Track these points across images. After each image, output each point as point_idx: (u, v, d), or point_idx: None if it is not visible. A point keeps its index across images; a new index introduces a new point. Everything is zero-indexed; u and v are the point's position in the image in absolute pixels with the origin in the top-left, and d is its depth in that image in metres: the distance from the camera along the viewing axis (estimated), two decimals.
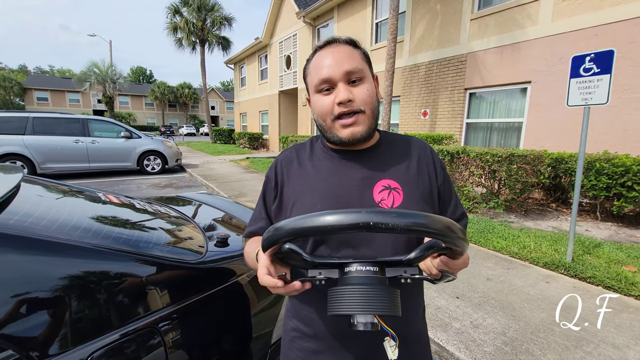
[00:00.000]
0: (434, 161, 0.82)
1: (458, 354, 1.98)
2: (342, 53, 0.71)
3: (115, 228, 1.12)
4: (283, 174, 0.81)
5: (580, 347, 2.03)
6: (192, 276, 1.07)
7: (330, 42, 0.74)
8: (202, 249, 1.22)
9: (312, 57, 0.76)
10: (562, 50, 5.52)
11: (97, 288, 0.85)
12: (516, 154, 4.60)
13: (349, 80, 0.71)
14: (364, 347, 0.73)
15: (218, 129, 22.01)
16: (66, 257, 0.84)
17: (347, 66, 0.70)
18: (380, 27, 9.61)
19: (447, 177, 0.83)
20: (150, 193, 6.88)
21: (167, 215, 1.53)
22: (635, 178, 3.98)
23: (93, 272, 0.86)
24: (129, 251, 0.96)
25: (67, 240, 0.86)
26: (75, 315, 0.79)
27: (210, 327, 1.07)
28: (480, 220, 4.49)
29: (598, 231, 4.17)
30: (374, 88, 0.75)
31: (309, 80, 0.77)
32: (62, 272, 0.81)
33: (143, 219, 1.38)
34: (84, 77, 21.66)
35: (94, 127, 8.42)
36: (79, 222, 1.02)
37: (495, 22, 6.56)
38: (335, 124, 0.73)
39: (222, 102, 53.68)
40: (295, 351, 0.81)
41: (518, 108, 6.44)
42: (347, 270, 0.57)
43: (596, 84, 2.81)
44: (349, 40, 0.74)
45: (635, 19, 4.73)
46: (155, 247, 1.07)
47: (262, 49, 16.91)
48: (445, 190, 0.82)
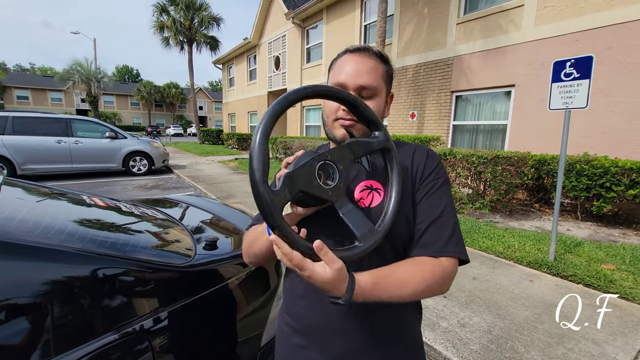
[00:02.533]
0: (426, 162, 0.77)
1: (445, 353, 2.01)
2: (366, 66, 0.74)
3: (101, 231, 1.10)
4: None
5: (562, 343, 2.09)
6: (180, 280, 1.06)
7: (360, 50, 0.76)
8: (191, 252, 1.21)
9: (341, 56, 0.78)
10: (545, 55, 5.68)
11: (83, 293, 0.84)
12: (501, 155, 4.71)
13: (360, 93, 0.74)
14: (348, 344, 0.74)
15: (206, 129, 21.75)
16: (50, 262, 0.82)
17: (362, 80, 0.73)
18: (369, 30, 9.69)
19: (437, 182, 0.75)
20: (137, 194, 6.75)
21: (154, 218, 1.51)
22: (613, 179, 4.13)
23: (78, 277, 0.85)
24: (115, 255, 0.95)
25: (50, 245, 0.84)
26: (59, 321, 0.77)
27: (199, 331, 1.06)
28: (466, 221, 4.57)
29: (579, 230, 4.31)
30: (382, 106, 0.78)
31: (330, 76, 0.80)
32: (45, 277, 0.79)
33: (129, 222, 1.36)
34: (67, 76, 21.07)
35: (78, 127, 8.21)
36: (63, 225, 1.00)
37: (480, 26, 6.71)
38: (335, 123, 0.77)
39: (210, 103, 53.09)
40: (285, 347, 0.83)
41: (503, 111, 6.59)
42: None
43: (576, 89, 2.91)
44: (379, 54, 0.77)
45: (613, 26, 4.91)
46: (142, 251, 1.06)
47: (250, 50, 16.83)
48: (431, 195, 0.74)
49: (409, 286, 0.63)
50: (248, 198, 6.24)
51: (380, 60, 0.77)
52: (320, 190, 0.60)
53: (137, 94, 44.60)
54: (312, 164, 0.60)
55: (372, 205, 0.74)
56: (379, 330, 0.75)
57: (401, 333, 0.78)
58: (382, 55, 0.77)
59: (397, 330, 0.77)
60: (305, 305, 0.78)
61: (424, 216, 0.72)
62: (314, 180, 0.60)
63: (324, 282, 0.54)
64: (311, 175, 0.60)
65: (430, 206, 0.72)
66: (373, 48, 0.77)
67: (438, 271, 0.67)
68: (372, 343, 0.75)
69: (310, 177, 0.59)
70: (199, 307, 1.07)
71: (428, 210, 0.72)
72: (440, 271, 0.67)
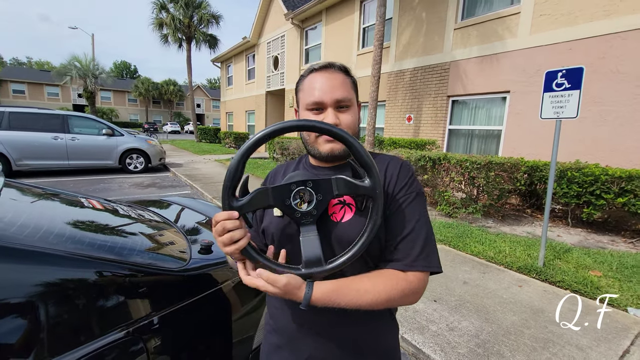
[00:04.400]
0: (399, 175, 0.77)
1: (434, 356, 2.06)
2: (336, 80, 0.78)
3: (98, 235, 1.13)
4: (272, 184, 0.89)
5: (547, 348, 2.15)
6: (175, 284, 1.10)
7: (326, 67, 0.79)
8: (186, 256, 1.25)
9: (307, 76, 0.81)
10: (539, 62, 5.77)
11: (78, 297, 0.87)
12: (494, 161, 4.78)
13: (337, 106, 0.78)
14: (318, 347, 0.78)
15: (203, 127, 21.72)
16: (48, 265, 0.85)
17: (338, 94, 0.76)
18: (367, 32, 9.74)
19: (408, 197, 0.75)
20: (133, 192, 6.76)
21: (150, 221, 1.54)
22: (603, 187, 4.21)
23: (75, 280, 0.88)
24: (111, 259, 0.98)
25: (47, 249, 0.87)
26: (55, 323, 0.81)
27: (192, 335, 1.10)
28: (459, 225, 4.63)
29: (569, 237, 4.38)
30: (357, 115, 0.83)
31: (301, 97, 0.82)
32: (42, 280, 0.82)
33: (126, 225, 1.39)
34: (64, 71, 20.91)
35: (74, 124, 8.18)
36: (62, 229, 1.03)
37: (477, 32, 6.78)
38: (318, 140, 0.79)
39: (208, 100, 52.92)
40: (266, 344, 0.90)
41: (498, 116, 6.67)
42: None
43: (567, 99, 2.98)
44: (343, 68, 0.81)
45: (606, 36, 4.99)
46: (138, 255, 1.09)
47: (249, 49, 16.83)
48: (400, 208, 0.74)
49: (368, 295, 0.67)
50: None
51: (346, 74, 0.81)
52: (290, 210, 0.67)
53: (135, 91, 44.34)
54: (290, 187, 0.67)
55: (343, 220, 0.75)
56: (349, 337, 0.78)
57: (373, 342, 0.79)
58: (345, 69, 0.81)
59: (368, 338, 0.79)
60: (279, 306, 0.84)
61: (395, 232, 0.73)
62: (287, 200, 0.67)
63: (277, 294, 0.65)
64: (286, 196, 0.67)
65: (402, 221, 0.73)
66: (336, 64, 0.80)
67: (402, 285, 0.69)
68: (342, 349, 0.78)
69: (284, 197, 0.67)
70: (193, 310, 1.10)
71: (399, 225, 0.73)
72: (404, 285, 0.69)
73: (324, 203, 0.68)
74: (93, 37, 23.81)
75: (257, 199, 0.67)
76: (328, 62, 0.80)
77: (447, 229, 4.45)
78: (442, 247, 3.94)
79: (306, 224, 0.68)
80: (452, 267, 3.37)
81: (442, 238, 4.15)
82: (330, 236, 0.74)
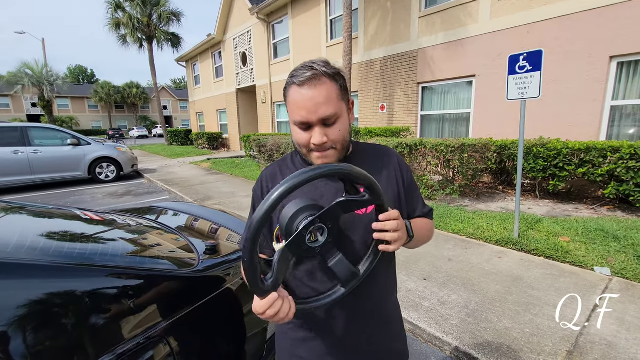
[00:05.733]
0: (400, 167, 0.94)
1: (430, 330, 2.21)
2: (321, 96, 0.74)
3: (108, 246, 1.14)
4: (269, 188, 0.90)
5: (528, 310, 2.35)
6: (188, 286, 1.13)
7: (309, 79, 0.74)
8: (194, 259, 1.28)
9: (290, 87, 0.77)
10: (501, 46, 6.06)
11: (101, 305, 0.90)
12: (467, 143, 5.02)
13: (324, 123, 0.76)
14: (345, 332, 0.86)
15: (173, 129, 21.00)
16: (78, 278, 0.87)
17: (322, 113, 0.74)
18: (335, 24, 9.78)
19: (412, 179, 0.96)
20: (108, 203, 6.50)
21: (152, 228, 1.54)
22: (565, 160, 4.55)
23: (101, 288, 0.91)
24: (121, 267, 1.01)
25: (78, 262, 0.89)
26: (88, 326, 0.83)
27: (208, 332, 1.14)
28: (439, 207, 4.86)
29: (538, 208, 4.72)
30: (347, 122, 0.81)
31: (288, 109, 0.80)
32: (76, 287, 0.85)
33: (131, 235, 1.39)
34: (15, 80, 19.43)
35: (35, 135, 7.70)
36: (84, 245, 1.04)
37: (441, 19, 7.00)
38: (310, 154, 0.82)
39: (175, 101, 51.12)
40: (288, 341, 0.94)
41: (466, 100, 6.97)
42: None
43: (529, 80, 3.19)
44: (328, 72, 0.76)
45: (558, 18, 5.33)
46: (149, 262, 1.12)
47: (215, 46, 16.39)
48: (412, 191, 0.95)
49: (428, 234, 0.97)
50: (225, 199, 6.21)
51: (331, 79, 0.76)
52: (310, 251, 0.70)
53: (95, 96, 42.07)
54: (302, 235, 0.66)
55: (368, 211, 0.82)
56: (375, 309, 0.90)
57: (393, 310, 0.97)
58: (330, 73, 0.76)
59: (390, 308, 0.95)
60: None
61: (414, 198, 0.97)
62: (303, 245, 0.67)
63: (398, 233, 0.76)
64: (301, 242, 0.67)
65: (415, 190, 0.98)
66: (319, 68, 0.75)
67: (432, 226, 1.01)
68: (372, 319, 0.89)
69: (300, 245, 0.67)
70: (208, 309, 1.14)
71: (415, 193, 0.97)
72: (432, 226, 1.01)
73: (336, 226, 0.70)
74: (44, 42, 22.27)
75: (282, 267, 0.66)
76: (309, 67, 0.75)
77: None
78: None
79: (328, 253, 0.72)
80: (437, 247, 3.56)
81: None
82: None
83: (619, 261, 2.96)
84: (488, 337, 2.09)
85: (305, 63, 0.77)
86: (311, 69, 0.75)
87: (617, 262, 2.94)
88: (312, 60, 0.78)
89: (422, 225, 0.94)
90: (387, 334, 0.93)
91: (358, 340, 0.88)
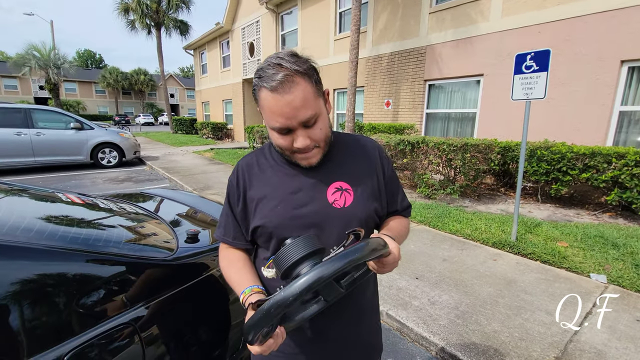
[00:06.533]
0: (381, 159, 0.91)
1: (417, 329, 2.18)
2: (296, 100, 0.68)
3: (93, 230, 1.12)
4: (245, 178, 0.87)
5: (519, 314, 2.32)
6: (165, 273, 1.11)
7: (281, 83, 0.67)
8: (173, 246, 1.25)
9: (260, 90, 0.71)
10: (511, 46, 5.94)
11: (77, 287, 0.88)
12: (470, 143, 4.95)
13: (304, 125, 0.73)
14: (318, 324, 0.85)
15: (179, 118, 21.04)
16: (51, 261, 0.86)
17: (301, 117, 0.70)
18: (344, 17, 9.65)
19: (393, 172, 0.94)
20: (107, 188, 6.53)
21: (135, 214, 1.52)
22: (569, 164, 4.47)
23: (73, 274, 0.89)
24: (102, 252, 0.98)
25: (50, 246, 0.87)
26: (60, 311, 0.81)
27: (187, 319, 1.12)
28: (438, 206, 4.81)
29: (539, 212, 4.65)
30: (326, 118, 0.78)
31: (262, 112, 0.75)
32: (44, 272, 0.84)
33: (112, 219, 1.37)
34: (22, 61, 19.46)
35: (39, 118, 7.73)
36: (55, 228, 1.02)
37: (451, 16, 6.87)
38: (293, 155, 0.79)
39: (182, 90, 51.10)
40: None
41: (472, 99, 6.86)
42: None
43: (535, 80, 3.11)
44: (298, 70, 0.69)
45: (571, 19, 5.20)
46: (126, 247, 1.10)
47: (223, 35, 16.29)
48: (392, 184, 0.93)
49: (404, 236, 0.92)
50: (224, 189, 6.19)
51: (304, 77, 0.70)
52: (309, 311, 0.71)
53: (102, 81, 42.13)
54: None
55: (346, 205, 0.82)
56: (358, 304, 0.90)
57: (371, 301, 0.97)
58: (302, 70, 0.70)
59: (372, 299, 0.97)
60: None
61: (393, 193, 0.94)
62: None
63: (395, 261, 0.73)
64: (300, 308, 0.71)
65: (396, 186, 0.95)
66: (290, 65, 0.69)
67: (407, 225, 0.97)
68: (353, 313, 0.89)
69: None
70: (186, 297, 1.12)
71: (394, 189, 0.94)
72: (408, 224, 0.97)
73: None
74: (52, 24, 22.27)
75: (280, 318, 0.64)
76: (278, 64, 0.69)
77: (427, 210, 4.61)
78: (423, 228, 4.09)
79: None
80: (432, 246, 3.52)
81: (422, 219, 4.29)
82: (339, 223, 0.80)
83: (616, 269, 2.90)
84: (475, 340, 2.06)
85: (272, 60, 0.70)
86: (280, 67, 0.68)
87: (614, 270, 2.88)
88: (278, 55, 0.71)
89: (400, 229, 0.90)
90: (359, 327, 0.91)
91: (330, 332, 0.86)
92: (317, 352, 0.87)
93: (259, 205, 0.83)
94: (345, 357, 0.90)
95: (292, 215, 0.80)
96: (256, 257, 0.93)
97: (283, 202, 0.81)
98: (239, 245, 0.89)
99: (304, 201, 0.81)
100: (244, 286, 0.77)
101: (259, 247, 0.91)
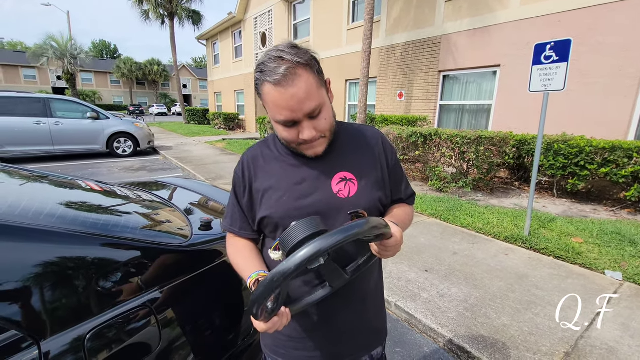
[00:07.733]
0: (385, 149, 0.91)
1: (425, 321, 2.19)
2: (300, 91, 0.68)
3: (112, 217, 1.16)
4: (250, 170, 0.88)
5: (529, 309, 2.30)
6: (180, 259, 1.15)
7: (284, 77, 0.67)
8: (188, 233, 1.29)
9: (264, 86, 0.71)
10: (529, 35, 5.74)
11: (96, 272, 0.92)
12: (484, 136, 4.85)
13: (309, 116, 0.73)
14: (324, 310, 0.87)
15: (191, 108, 21.24)
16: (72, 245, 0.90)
17: (307, 108, 0.71)
18: (357, 6, 9.48)
19: (397, 161, 0.94)
20: (123, 177, 6.69)
21: (150, 201, 1.57)
22: (588, 158, 4.35)
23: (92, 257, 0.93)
24: (123, 237, 1.02)
25: (72, 230, 0.91)
26: (80, 293, 0.85)
27: (201, 303, 1.16)
28: (450, 199, 4.76)
29: (554, 207, 4.55)
30: (330, 107, 0.78)
31: (265, 106, 0.75)
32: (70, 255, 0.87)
33: (130, 207, 1.42)
34: (40, 52, 19.91)
35: (57, 107, 7.93)
36: (76, 213, 1.06)
37: (468, 4, 6.67)
38: (299, 147, 0.80)
39: (195, 80, 51.41)
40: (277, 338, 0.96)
41: (488, 91, 6.69)
42: None
43: (555, 71, 3.02)
44: (299, 62, 0.69)
45: (594, 7, 4.98)
46: (142, 233, 1.13)
47: (235, 25, 16.24)
48: (396, 173, 0.94)
49: (409, 223, 0.94)
50: None
51: (306, 68, 0.70)
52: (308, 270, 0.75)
53: (117, 71, 42.71)
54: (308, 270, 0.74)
55: (351, 195, 0.83)
56: (362, 288, 0.91)
57: (375, 287, 0.98)
58: (304, 61, 0.70)
59: (374, 285, 0.97)
60: None
61: (397, 182, 0.95)
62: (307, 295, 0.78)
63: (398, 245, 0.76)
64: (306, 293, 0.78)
65: (400, 175, 0.96)
66: (291, 58, 0.68)
67: (412, 212, 1.00)
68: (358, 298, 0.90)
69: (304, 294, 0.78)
70: (199, 282, 1.16)
71: (398, 178, 0.95)
72: (412, 212, 1.00)
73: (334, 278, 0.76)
74: (69, 15, 22.62)
75: (282, 293, 0.66)
76: (279, 57, 0.69)
77: (438, 203, 4.57)
78: (434, 221, 4.06)
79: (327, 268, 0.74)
80: (443, 239, 3.50)
81: (433, 212, 4.27)
82: (344, 213, 0.81)
83: (632, 266, 2.83)
84: (484, 333, 2.06)
85: (272, 53, 0.70)
86: (282, 60, 0.68)
87: (631, 267, 2.82)
88: (278, 48, 0.71)
89: (403, 217, 0.91)
90: (364, 312, 0.93)
91: (336, 318, 0.88)
92: (323, 337, 0.89)
93: (265, 197, 0.85)
94: (351, 342, 0.92)
95: (297, 205, 0.81)
96: (264, 246, 0.95)
97: (288, 193, 0.83)
98: (245, 235, 0.92)
99: (309, 192, 0.82)
100: (250, 271, 0.80)
101: (266, 237, 0.93)
